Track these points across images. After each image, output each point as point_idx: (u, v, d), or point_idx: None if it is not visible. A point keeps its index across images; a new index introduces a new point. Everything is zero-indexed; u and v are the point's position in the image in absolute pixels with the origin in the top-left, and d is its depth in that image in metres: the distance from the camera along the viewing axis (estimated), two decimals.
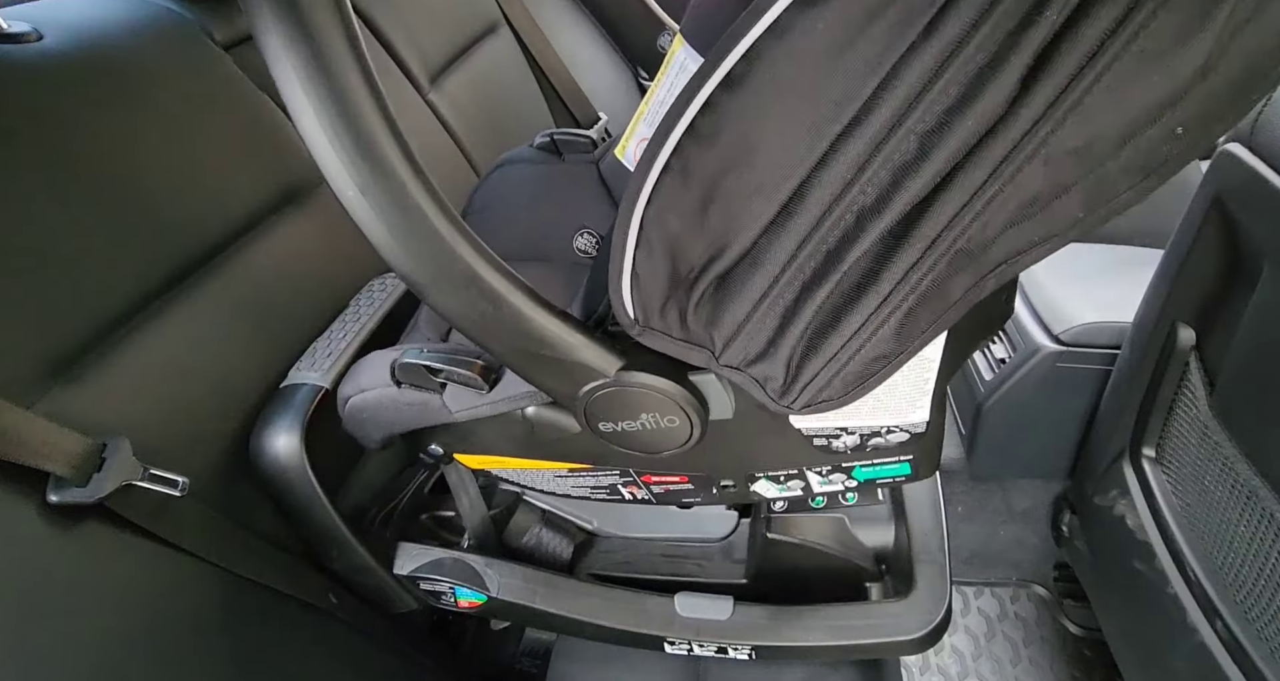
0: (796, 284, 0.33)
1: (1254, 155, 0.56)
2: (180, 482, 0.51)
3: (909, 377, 0.49)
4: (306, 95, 0.32)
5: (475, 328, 0.38)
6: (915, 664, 0.97)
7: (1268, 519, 0.59)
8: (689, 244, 0.34)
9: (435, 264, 0.36)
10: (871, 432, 0.54)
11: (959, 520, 1.09)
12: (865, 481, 0.61)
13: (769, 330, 0.36)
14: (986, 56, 0.25)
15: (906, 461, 0.58)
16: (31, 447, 0.44)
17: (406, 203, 0.35)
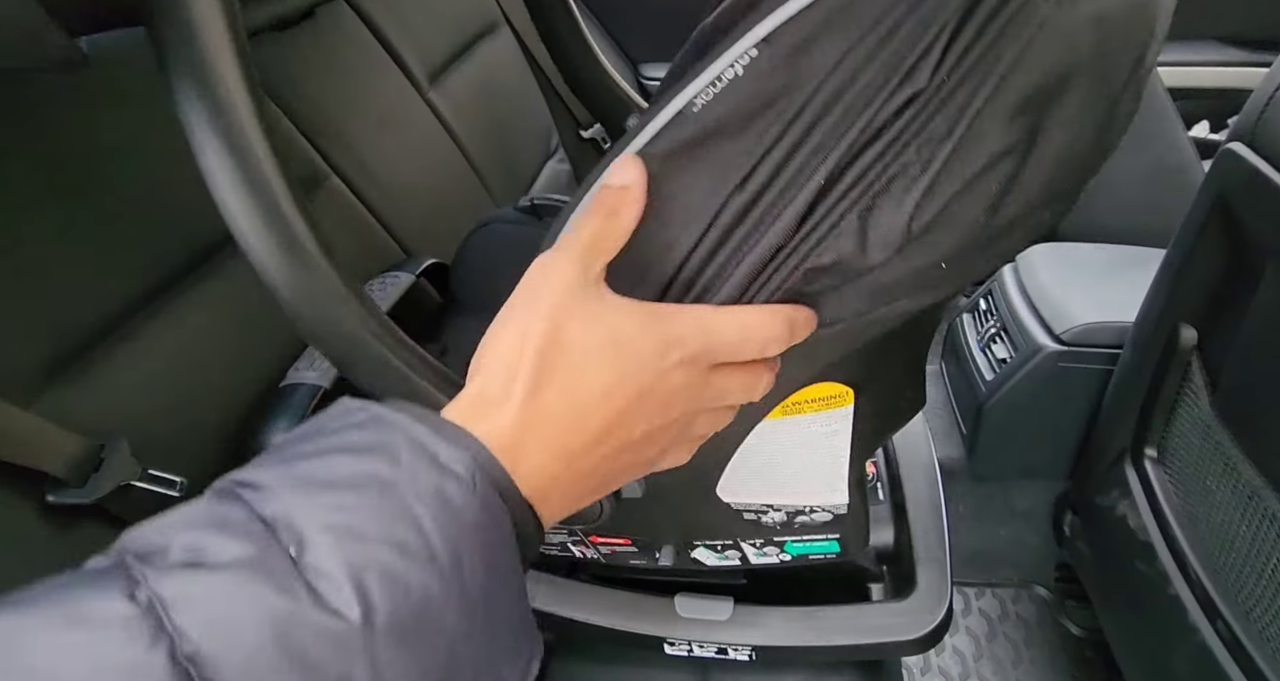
0: None
1: (1257, 154, 0.56)
2: (179, 483, 0.51)
3: (823, 467, 0.51)
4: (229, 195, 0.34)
5: (361, 379, 0.40)
6: (916, 664, 0.97)
7: (1269, 519, 0.59)
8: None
9: (325, 322, 0.38)
10: (796, 510, 0.55)
11: (960, 520, 1.09)
12: (797, 556, 0.62)
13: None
14: (778, 201, 0.29)
15: (834, 539, 0.60)
16: (29, 448, 0.44)
17: (311, 278, 0.38)
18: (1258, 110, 0.56)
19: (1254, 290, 0.59)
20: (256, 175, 0.33)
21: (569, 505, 0.27)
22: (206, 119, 0.32)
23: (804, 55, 0.26)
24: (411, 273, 0.75)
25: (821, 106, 0.27)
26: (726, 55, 0.27)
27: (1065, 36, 0.25)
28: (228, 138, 0.32)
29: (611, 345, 0.26)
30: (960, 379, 1.07)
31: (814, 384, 0.44)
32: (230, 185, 0.32)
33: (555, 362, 0.25)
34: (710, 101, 0.27)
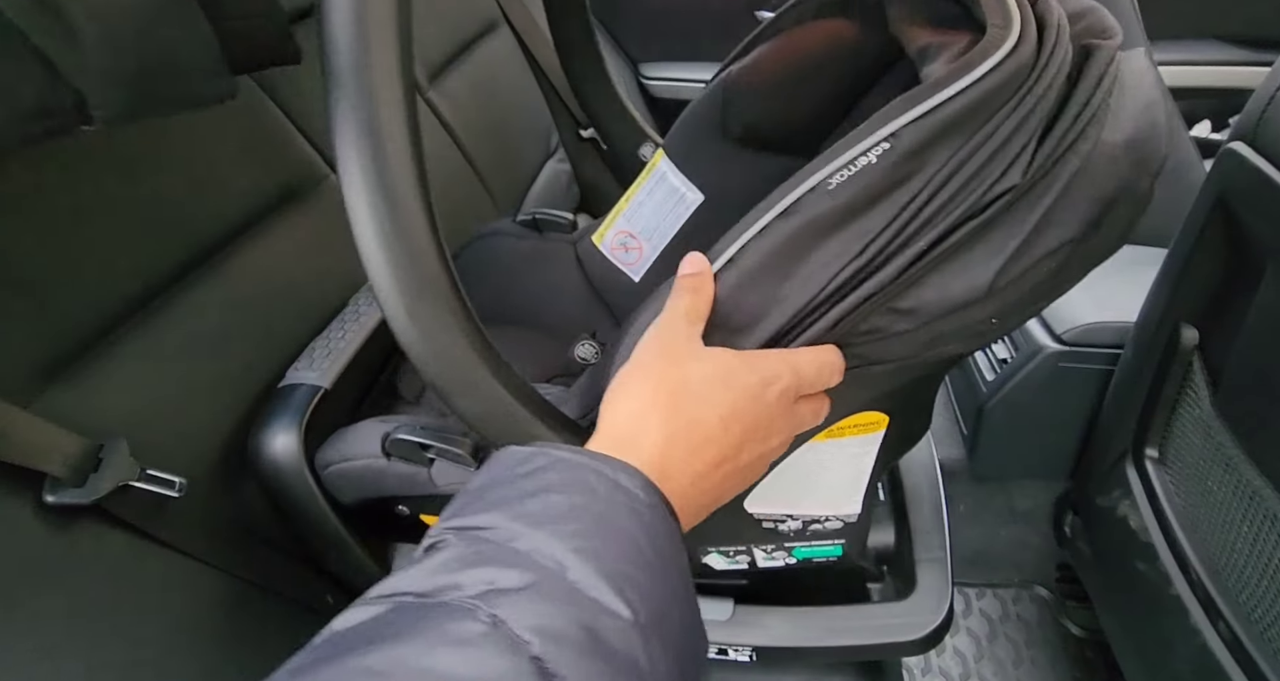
0: None
1: (1258, 154, 0.56)
2: (177, 483, 0.51)
3: (846, 478, 0.56)
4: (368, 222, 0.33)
5: (489, 429, 0.40)
6: (916, 665, 0.96)
7: (1271, 520, 0.58)
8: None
9: (460, 379, 0.38)
10: (812, 519, 0.60)
11: (961, 521, 1.09)
12: (803, 558, 0.66)
13: None
14: (887, 263, 0.35)
15: (839, 544, 0.65)
16: (28, 448, 0.44)
17: (448, 334, 0.37)
18: (1259, 110, 0.56)
19: (1255, 290, 0.59)
20: (412, 246, 0.33)
21: (692, 519, 0.33)
22: (366, 179, 0.32)
23: (926, 151, 0.32)
24: None
25: (934, 192, 0.33)
26: (860, 145, 0.33)
27: (1110, 158, 0.35)
28: (387, 202, 0.32)
29: (722, 381, 0.32)
30: (961, 379, 1.07)
31: (859, 412, 0.49)
32: (382, 251, 0.33)
33: (682, 398, 0.32)
34: (844, 182, 0.33)
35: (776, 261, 0.35)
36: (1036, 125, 0.33)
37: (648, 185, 0.73)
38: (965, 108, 0.32)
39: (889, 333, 0.37)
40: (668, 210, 0.74)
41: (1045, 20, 0.35)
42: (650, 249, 0.75)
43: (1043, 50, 0.33)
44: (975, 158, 0.33)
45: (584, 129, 1.02)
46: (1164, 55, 1.28)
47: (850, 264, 0.34)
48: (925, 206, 0.33)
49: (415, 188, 0.33)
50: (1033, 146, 0.33)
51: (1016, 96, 0.32)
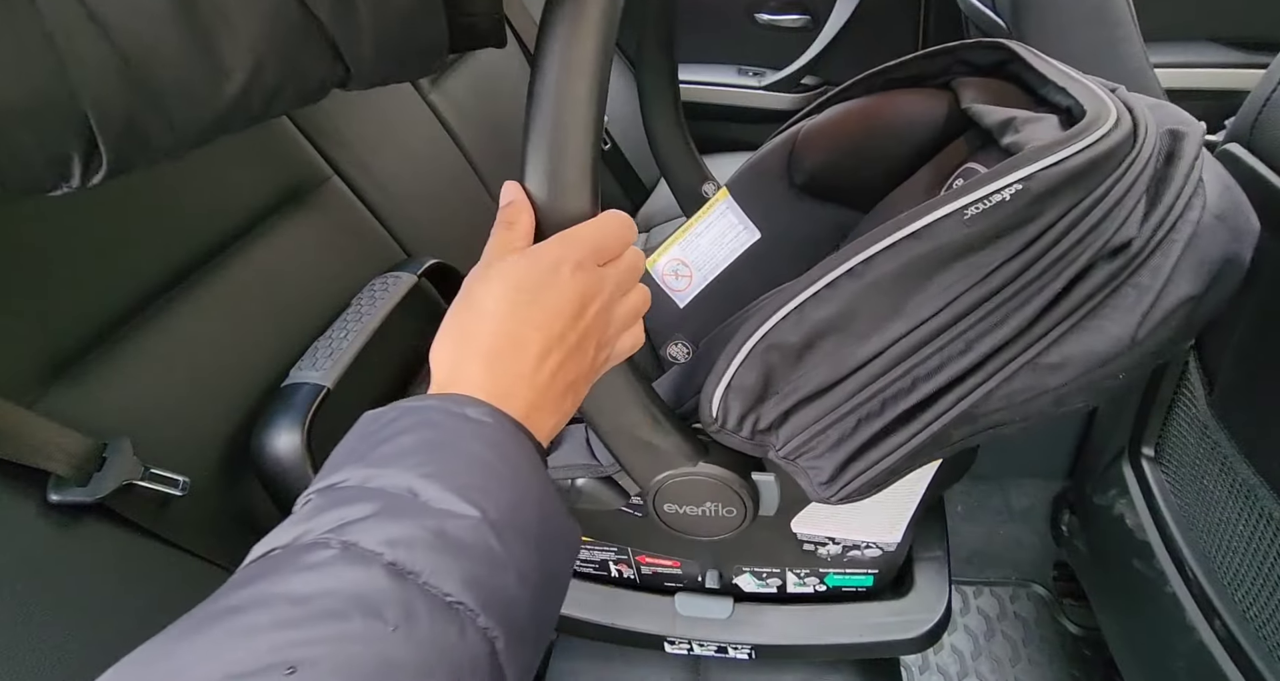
0: (855, 417, 0.44)
1: (1253, 155, 0.56)
2: (181, 482, 0.51)
3: (896, 506, 0.58)
4: None
5: (592, 400, 0.44)
6: (915, 663, 0.97)
7: (1266, 518, 0.59)
8: (782, 374, 0.44)
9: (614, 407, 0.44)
10: (853, 545, 0.62)
11: (958, 519, 1.09)
12: (833, 587, 0.69)
13: (828, 442, 0.46)
14: (1015, 297, 0.39)
15: (871, 574, 0.67)
16: (32, 447, 0.44)
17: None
18: (1254, 111, 0.56)
19: (1251, 289, 0.60)
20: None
21: (551, 417, 0.34)
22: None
23: (1052, 197, 0.37)
24: (413, 273, 0.75)
25: (1059, 236, 0.37)
26: (998, 183, 0.37)
27: (1212, 227, 0.40)
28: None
29: (512, 287, 0.33)
30: None
31: None
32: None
33: (478, 324, 0.33)
34: (979, 213, 0.37)
35: (903, 278, 0.39)
36: (1142, 190, 0.39)
37: (708, 219, 0.80)
38: (1086, 162, 0.36)
39: (1040, 390, 0.41)
40: (724, 243, 0.80)
41: (1132, 105, 0.41)
42: (700, 278, 0.80)
43: (1138, 127, 0.40)
44: (1095, 211, 0.37)
45: None
46: (1159, 57, 1.29)
47: (971, 290, 0.39)
48: (1050, 249, 0.37)
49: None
50: (1143, 208, 0.39)
51: (1125, 162, 0.38)
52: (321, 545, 0.23)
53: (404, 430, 0.29)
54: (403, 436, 0.28)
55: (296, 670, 0.19)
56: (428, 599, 0.23)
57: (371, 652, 0.21)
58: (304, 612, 0.21)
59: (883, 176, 0.69)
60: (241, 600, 0.22)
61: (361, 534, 0.23)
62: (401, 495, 0.26)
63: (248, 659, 0.19)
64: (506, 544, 0.26)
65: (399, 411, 0.30)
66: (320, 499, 0.26)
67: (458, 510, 0.25)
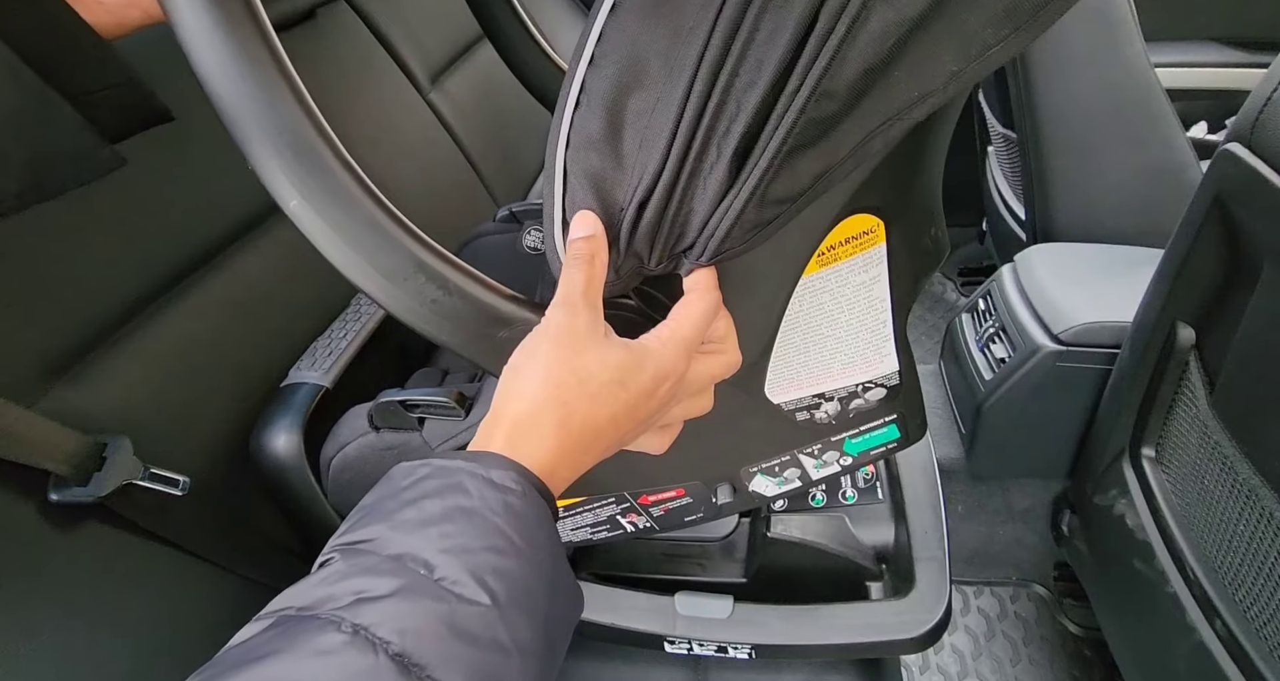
0: (703, 169, 0.35)
1: (1254, 155, 0.56)
2: (181, 482, 0.51)
3: (866, 323, 0.50)
4: (233, 104, 0.33)
5: (430, 319, 0.38)
6: (915, 663, 0.97)
7: (1267, 518, 0.59)
8: (613, 178, 0.35)
9: (381, 259, 0.36)
10: (849, 394, 0.54)
11: (959, 519, 1.09)
12: (859, 454, 0.60)
13: (684, 218, 0.37)
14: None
15: (893, 422, 0.58)
16: (32, 446, 0.44)
17: (342, 196, 0.36)
18: (1255, 111, 0.56)
19: (1252, 290, 0.60)
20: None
21: (576, 473, 0.34)
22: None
23: None
24: None
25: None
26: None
27: None
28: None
29: (619, 383, 0.33)
30: (959, 379, 1.08)
31: (844, 219, 0.43)
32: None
33: (578, 399, 0.33)
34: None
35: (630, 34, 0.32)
36: None
37: None
38: None
39: (903, 21, 0.30)
40: None
41: None
42: None
43: None
44: None
45: None
46: (1161, 57, 1.29)
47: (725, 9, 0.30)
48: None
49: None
50: None
51: None
52: (335, 625, 0.24)
53: (431, 493, 0.29)
54: (430, 501, 0.28)
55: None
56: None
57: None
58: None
59: None
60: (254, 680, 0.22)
61: (375, 616, 0.24)
62: (420, 571, 0.26)
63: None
64: (515, 631, 0.26)
65: (431, 469, 0.30)
66: (344, 563, 0.27)
67: (470, 595, 0.26)
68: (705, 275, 0.38)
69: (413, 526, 0.27)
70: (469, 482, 0.29)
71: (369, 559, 0.26)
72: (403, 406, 0.54)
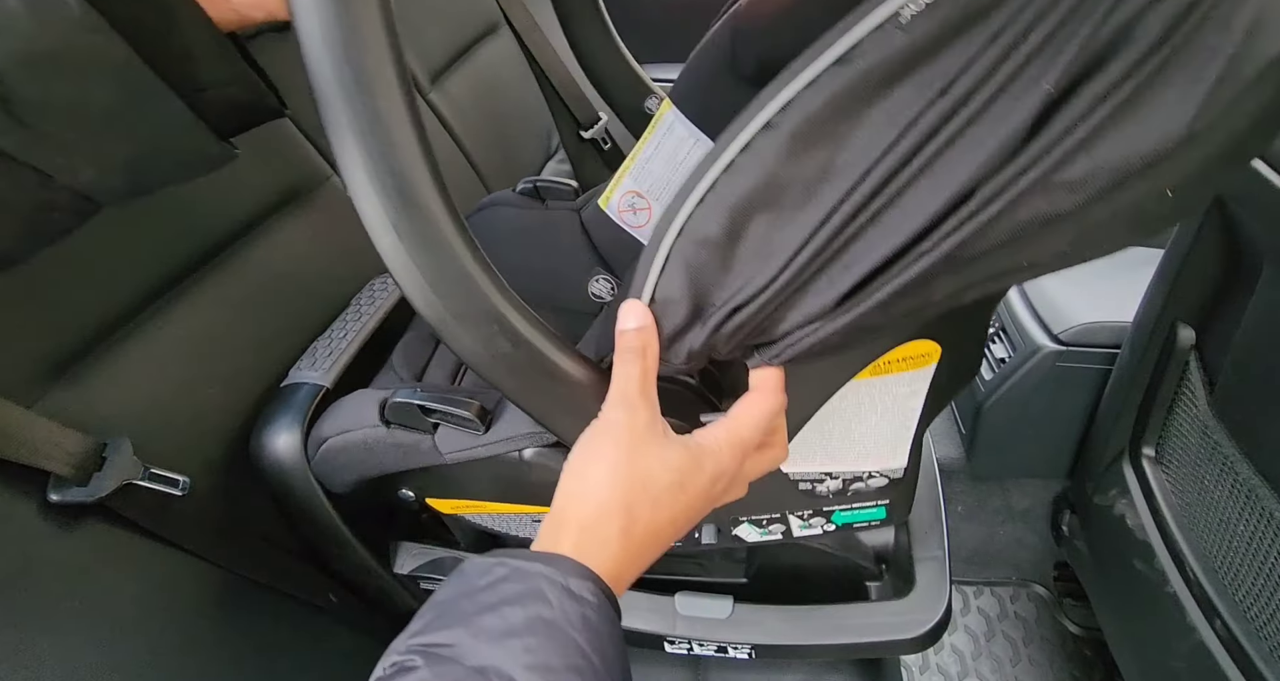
0: (802, 294, 0.34)
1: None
2: (181, 482, 0.51)
3: (892, 425, 0.51)
4: (344, 124, 0.32)
5: (492, 366, 0.38)
6: (915, 663, 0.97)
7: (1267, 518, 0.59)
8: (712, 278, 0.35)
9: (459, 302, 0.36)
10: (854, 477, 0.56)
11: (959, 519, 1.09)
12: (843, 524, 0.63)
13: (769, 328, 0.36)
14: (989, 109, 0.28)
15: (882, 505, 0.60)
16: (32, 446, 0.44)
17: (438, 241, 0.36)
18: None
19: (1251, 290, 0.60)
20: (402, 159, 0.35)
21: (640, 571, 0.35)
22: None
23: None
24: None
25: (1034, 20, 0.26)
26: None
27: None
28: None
29: (680, 486, 0.34)
30: None
31: (908, 341, 0.44)
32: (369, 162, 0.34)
33: (641, 504, 0.33)
34: (921, 13, 0.27)
35: (832, 118, 0.30)
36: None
37: (654, 139, 0.68)
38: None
39: (1053, 217, 0.30)
40: (677, 163, 0.68)
41: None
42: (660, 208, 0.69)
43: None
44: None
45: (584, 130, 1.03)
46: None
47: (925, 114, 0.28)
48: (1028, 34, 0.27)
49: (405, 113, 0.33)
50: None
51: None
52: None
53: (511, 599, 0.29)
54: (510, 608, 0.29)
55: None
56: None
57: None
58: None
59: None
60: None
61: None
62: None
63: None
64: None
65: (508, 570, 0.30)
66: (428, 671, 0.27)
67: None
68: (773, 376, 0.38)
69: (495, 636, 0.28)
70: (548, 591, 0.29)
71: (454, 670, 0.27)
72: (422, 411, 0.52)
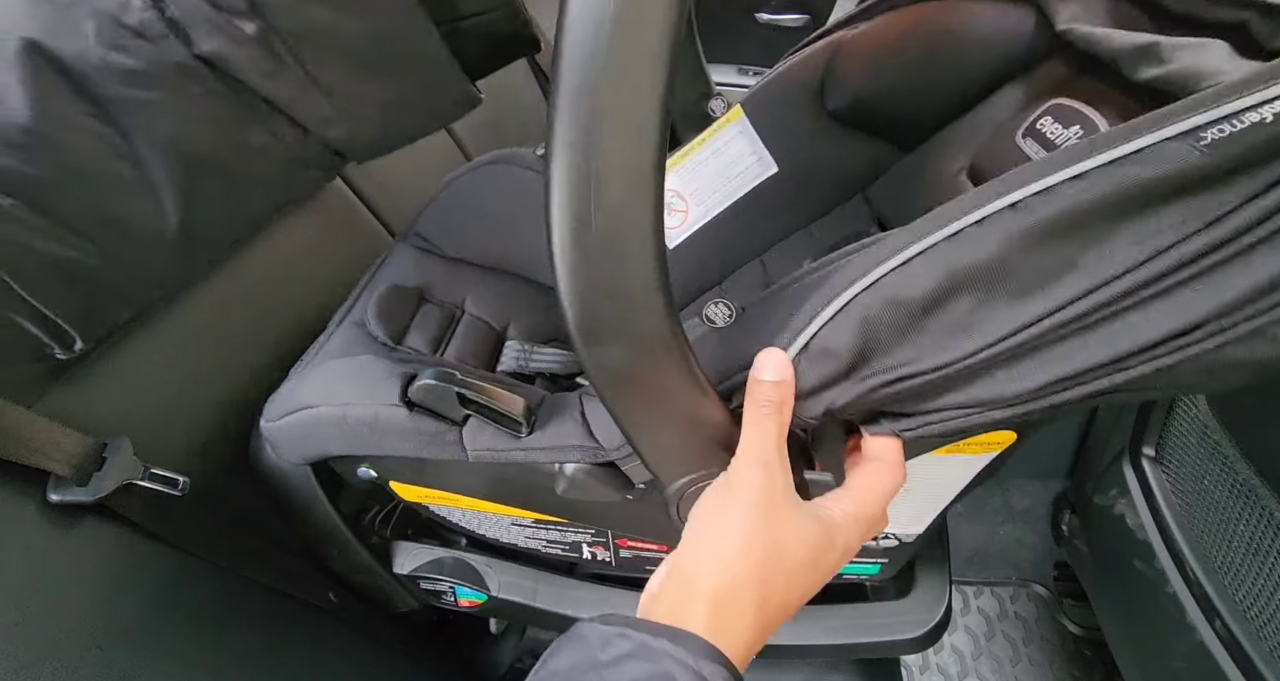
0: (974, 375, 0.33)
1: None
2: (181, 482, 0.51)
3: (932, 495, 0.50)
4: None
5: (622, 385, 0.33)
6: (915, 663, 0.97)
7: (1267, 518, 0.59)
8: (887, 341, 0.32)
9: (628, 312, 0.30)
10: None
11: (959, 519, 1.09)
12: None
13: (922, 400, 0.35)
14: (1247, 251, 0.28)
15: (879, 563, 0.60)
16: (32, 447, 0.44)
17: (628, 237, 0.29)
18: None
19: None
20: None
21: (757, 648, 0.34)
22: None
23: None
24: None
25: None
26: (1251, 97, 0.27)
27: None
28: None
29: (813, 565, 0.33)
30: None
31: None
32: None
33: (775, 580, 0.32)
34: (1224, 138, 0.27)
35: (1092, 216, 0.28)
36: None
37: (714, 143, 0.64)
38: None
39: (1240, 364, 0.30)
40: (731, 176, 0.64)
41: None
42: (697, 215, 0.66)
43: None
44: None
45: None
46: None
47: (1190, 239, 0.28)
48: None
49: None
50: None
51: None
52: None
53: (638, 678, 0.27)
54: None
55: None
56: None
57: None
58: None
59: (938, 105, 0.54)
60: None
61: None
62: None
63: None
64: None
65: (633, 645, 0.28)
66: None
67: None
68: (895, 448, 0.35)
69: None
70: (679, 675, 0.27)
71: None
72: (460, 400, 0.45)
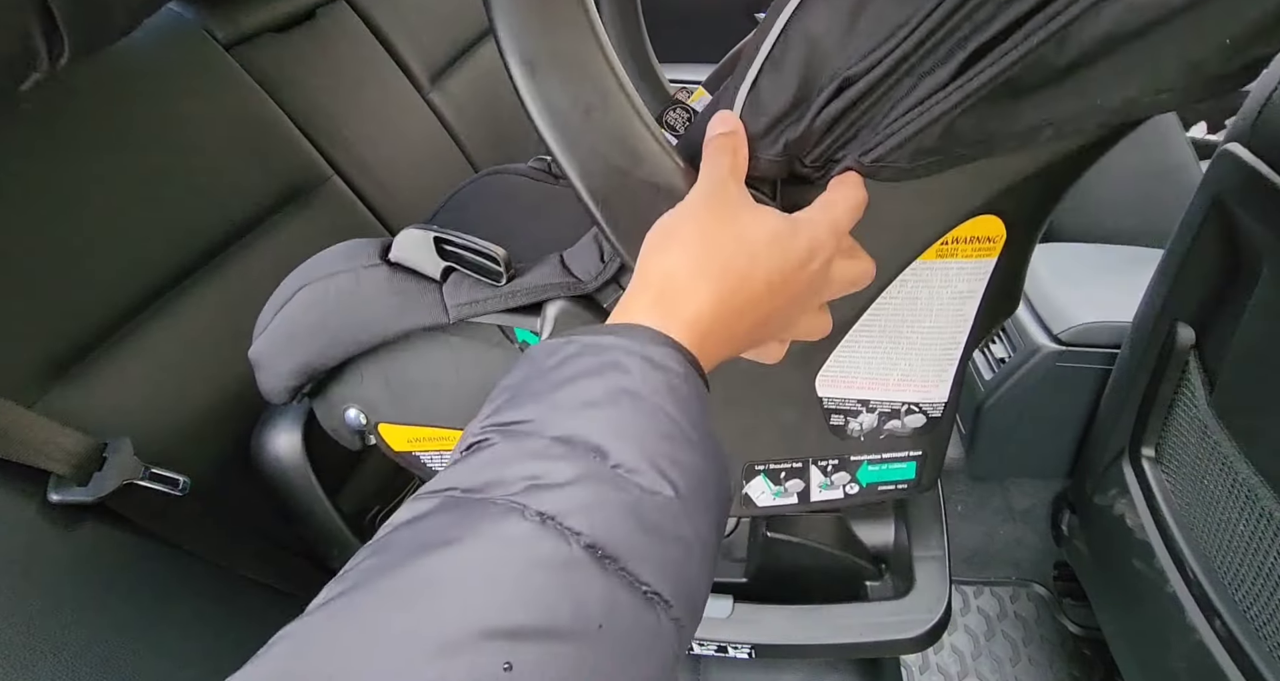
0: (915, 74, 0.33)
1: (1254, 155, 0.56)
2: (181, 482, 0.51)
3: (941, 338, 0.49)
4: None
5: (573, 126, 0.34)
6: (915, 663, 0.97)
7: (1267, 518, 0.59)
8: (832, 47, 0.33)
9: (556, 40, 0.33)
10: (892, 411, 0.53)
11: (959, 519, 1.09)
12: (868, 485, 0.59)
13: (873, 115, 0.35)
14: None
15: (914, 459, 0.57)
16: (33, 447, 0.44)
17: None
18: (1255, 111, 0.56)
19: (1251, 290, 0.60)
20: None
21: (724, 355, 0.32)
22: None
23: None
24: None
25: None
26: None
27: None
28: None
29: (776, 242, 0.31)
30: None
31: (979, 215, 0.42)
32: None
33: (735, 255, 0.30)
34: None
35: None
36: None
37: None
38: None
39: (1120, 35, 0.30)
40: None
41: None
42: None
43: None
44: None
45: None
46: None
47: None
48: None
49: None
50: None
51: None
52: (516, 511, 0.22)
53: (588, 372, 0.26)
54: (587, 381, 0.26)
55: (513, 667, 0.18)
56: (629, 590, 0.21)
57: (580, 654, 0.20)
58: (510, 597, 0.20)
59: None
60: (434, 571, 0.20)
61: (558, 504, 0.22)
62: (593, 457, 0.24)
63: (458, 637, 0.19)
64: (694, 523, 0.25)
65: (579, 347, 0.27)
66: (504, 443, 0.24)
67: (652, 485, 0.24)
68: (854, 176, 0.35)
69: (575, 408, 0.25)
70: (626, 361, 0.26)
71: (534, 442, 0.24)
72: (438, 248, 0.44)
